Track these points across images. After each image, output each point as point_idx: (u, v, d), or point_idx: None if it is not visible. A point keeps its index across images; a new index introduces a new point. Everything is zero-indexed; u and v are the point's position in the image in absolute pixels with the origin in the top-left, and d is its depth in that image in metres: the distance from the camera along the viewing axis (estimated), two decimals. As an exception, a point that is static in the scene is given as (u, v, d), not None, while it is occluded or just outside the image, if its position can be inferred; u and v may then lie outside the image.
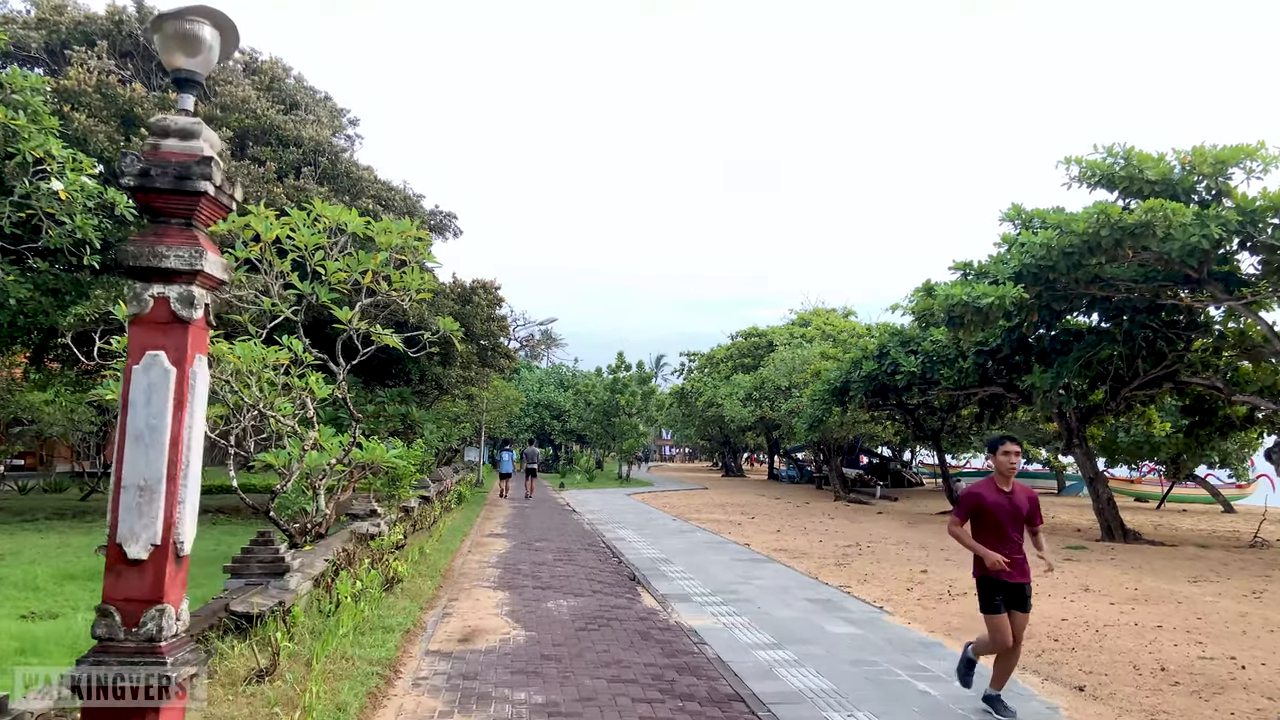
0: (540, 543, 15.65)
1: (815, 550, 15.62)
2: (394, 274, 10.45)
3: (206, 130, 3.65)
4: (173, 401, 3.40)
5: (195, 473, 3.55)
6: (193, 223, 3.54)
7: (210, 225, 3.68)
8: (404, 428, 19.92)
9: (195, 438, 3.52)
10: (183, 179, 3.45)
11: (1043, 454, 37.30)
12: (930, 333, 22.32)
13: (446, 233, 21.74)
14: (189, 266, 3.43)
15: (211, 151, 3.57)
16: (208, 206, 3.56)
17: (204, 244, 3.51)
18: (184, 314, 3.44)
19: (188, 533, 3.59)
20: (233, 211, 3.95)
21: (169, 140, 3.58)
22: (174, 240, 3.46)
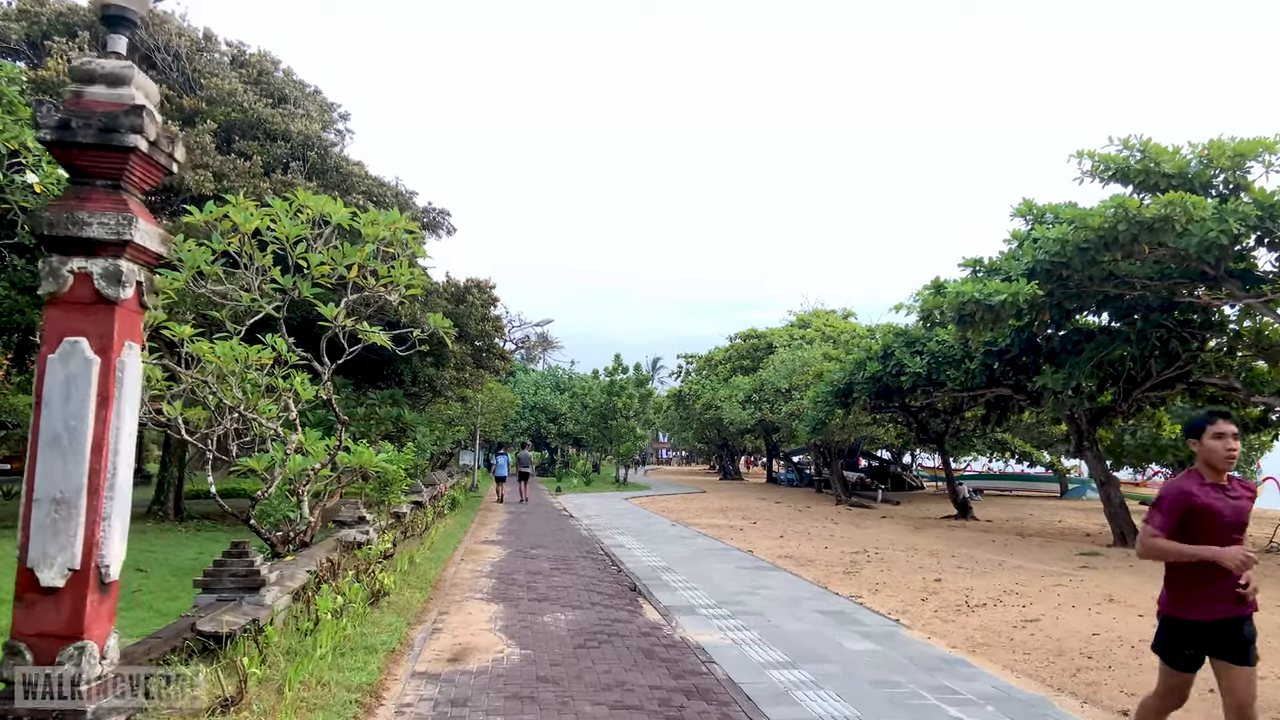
0: (536, 550, 15.07)
1: (821, 557, 15.05)
2: (381, 268, 9.88)
3: (140, 76, 3.09)
4: (95, 398, 2.84)
5: (124, 483, 2.98)
6: (121, 184, 2.97)
7: (145, 188, 3.10)
8: (396, 431, 19.33)
9: (124, 442, 2.94)
10: (108, 131, 2.89)
11: (1046, 457, 36.71)
12: (936, 333, 21.79)
13: (440, 230, 21.18)
14: (116, 236, 2.86)
15: (144, 100, 3.00)
16: (140, 165, 2.98)
17: (135, 210, 2.94)
18: (110, 293, 2.87)
19: (114, 554, 3.00)
20: (174, 173, 3.37)
21: (94, 87, 3.01)
22: (98, 205, 2.89)
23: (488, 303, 21.27)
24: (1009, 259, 15.67)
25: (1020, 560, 15.12)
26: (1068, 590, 11.61)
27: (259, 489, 11.50)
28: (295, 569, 9.00)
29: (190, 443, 10.62)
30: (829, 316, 44.13)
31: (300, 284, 9.45)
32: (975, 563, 14.54)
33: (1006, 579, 12.60)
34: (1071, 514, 29.45)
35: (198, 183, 15.82)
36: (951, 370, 20.94)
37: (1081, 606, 10.34)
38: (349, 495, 14.93)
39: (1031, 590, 11.57)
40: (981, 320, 15.34)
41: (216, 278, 9.60)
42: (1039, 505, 34.64)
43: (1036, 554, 16.30)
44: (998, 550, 16.78)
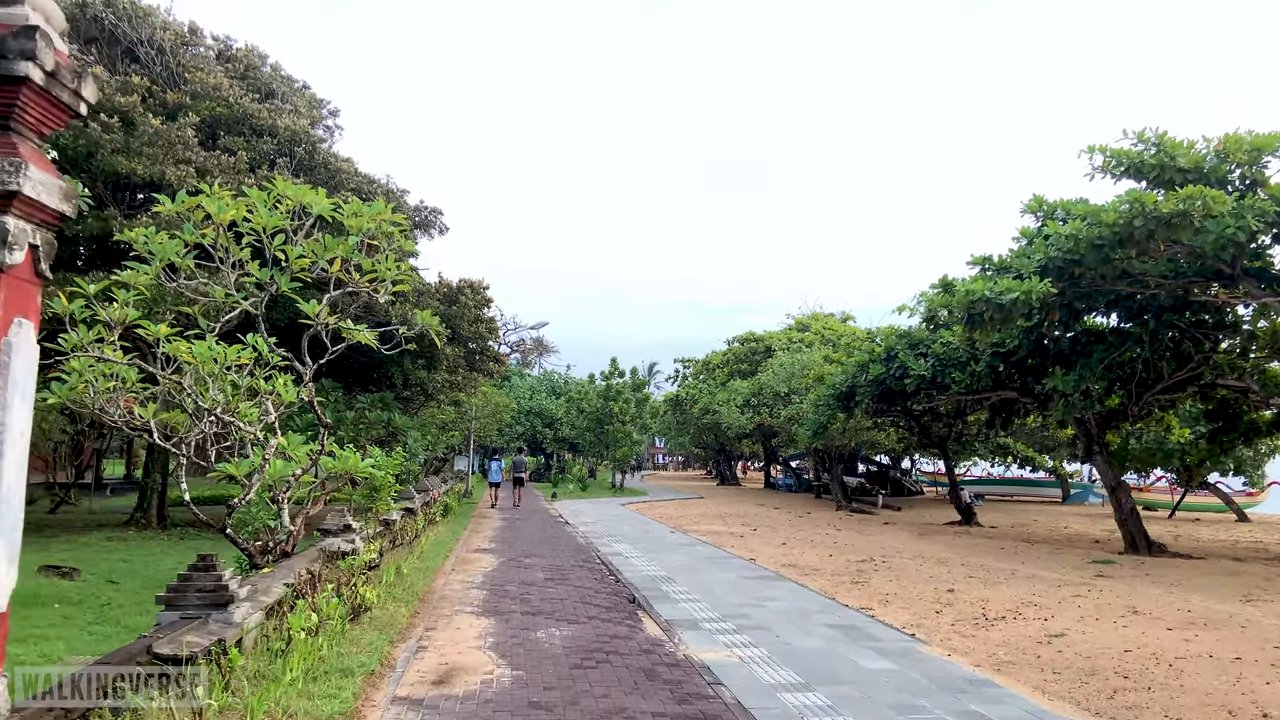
0: (530, 559, 14.49)
1: (827, 566, 14.50)
2: (365, 262, 9.32)
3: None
4: (-29, 388, 2.27)
5: (12, 494, 2.41)
6: (10, 124, 2.40)
7: (43, 131, 2.54)
8: (386, 435, 18.74)
9: (11, 443, 2.38)
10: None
11: (1048, 461, 36.19)
12: (940, 335, 21.28)
13: (432, 230, 20.63)
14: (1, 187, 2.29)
15: (41, 21, 2.44)
16: (35, 102, 2.43)
17: (27, 156, 2.38)
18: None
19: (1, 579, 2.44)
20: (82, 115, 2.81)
21: (-23, 7, 2.44)
22: (-21, 149, 2.33)
23: (481, 304, 20.70)
24: (1019, 256, 15.15)
25: (1033, 569, 14.57)
26: (1088, 601, 11.07)
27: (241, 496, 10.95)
28: (271, 582, 8.43)
29: (163, 448, 10.04)
30: (828, 320, 43.62)
31: (278, 278, 8.90)
32: (987, 572, 14.00)
33: (1022, 589, 12.05)
34: (1076, 520, 28.94)
35: (179, 178, 15.26)
36: (956, 373, 20.41)
37: (1106, 619, 9.79)
38: (337, 502, 14.34)
39: (1050, 601, 11.01)
40: (991, 320, 14.81)
41: (189, 272, 9.05)
42: (1041, 511, 34.14)
43: (1048, 562, 15.75)
44: (1008, 558, 16.24)
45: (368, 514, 13.58)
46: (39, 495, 26.87)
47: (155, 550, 15.34)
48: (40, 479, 34.10)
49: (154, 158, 15.46)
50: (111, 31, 18.61)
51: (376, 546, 11.82)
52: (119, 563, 13.83)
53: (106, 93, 16.19)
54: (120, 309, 8.62)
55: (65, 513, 23.05)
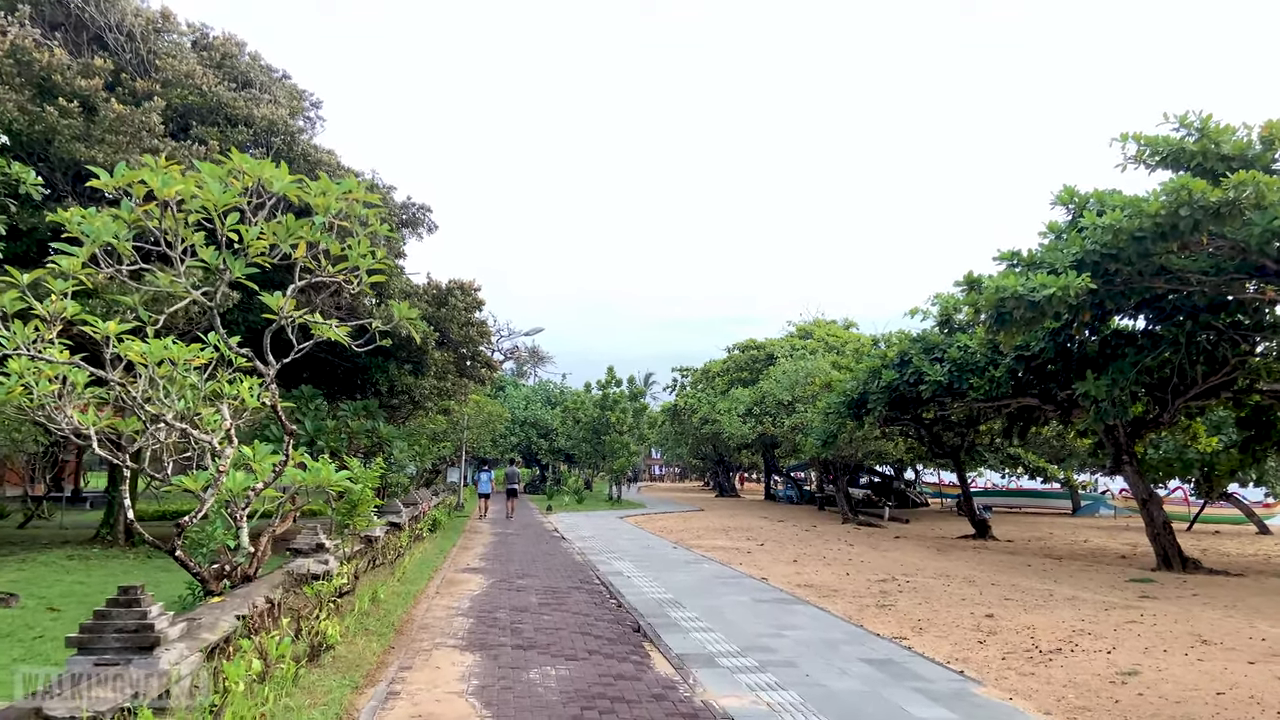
0: (523, 580, 13.30)
1: (846, 586, 13.33)
2: (334, 246, 8.17)
3: None
4: None
5: None
6: None
7: None
8: (371, 446, 17.56)
9: None
10: None
11: (1060, 472, 35.07)
12: (956, 339, 20.20)
13: (420, 228, 19.50)
14: None
15: None
16: None
17: None
18: None
19: None
20: None
21: None
22: None
23: (472, 306, 19.56)
24: (1051, 250, 14.04)
25: (1069, 588, 13.43)
26: (1146, 628, 9.92)
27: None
28: (220, 614, 7.23)
29: (104, 457, 8.88)
30: (830, 326, 42.54)
31: (232, 263, 7.74)
32: (1021, 593, 12.84)
33: (1068, 614, 10.89)
34: (1092, 533, 27.82)
35: (145, 168, 14.12)
36: (975, 379, 19.31)
37: (1175, 651, 8.64)
38: (320, 517, 13.13)
39: (1104, 629, 9.86)
40: (1022, 319, 13.70)
41: (130, 258, 7.88)
42: (1053, 523, 33.02)
43: (1083, 581, 14.61)
44: (1038, 576, 15.09)
45: (346, 531, 12.40)
46: (12, 509, 25.65)
47: (116, 571, 14.13)
48: (16, 492, 32.87)
49: (117, 145, 14.32)
50: (78, 16, 17.50)
51: (351, 568, 10.63)
52: (74, 585, 12.63)
53: (66, 76, 15.10)
54: (57, 301, 7.50)
55: (35, 527, 21.82)
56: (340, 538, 12.29)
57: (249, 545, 9.04)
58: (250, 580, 9.52)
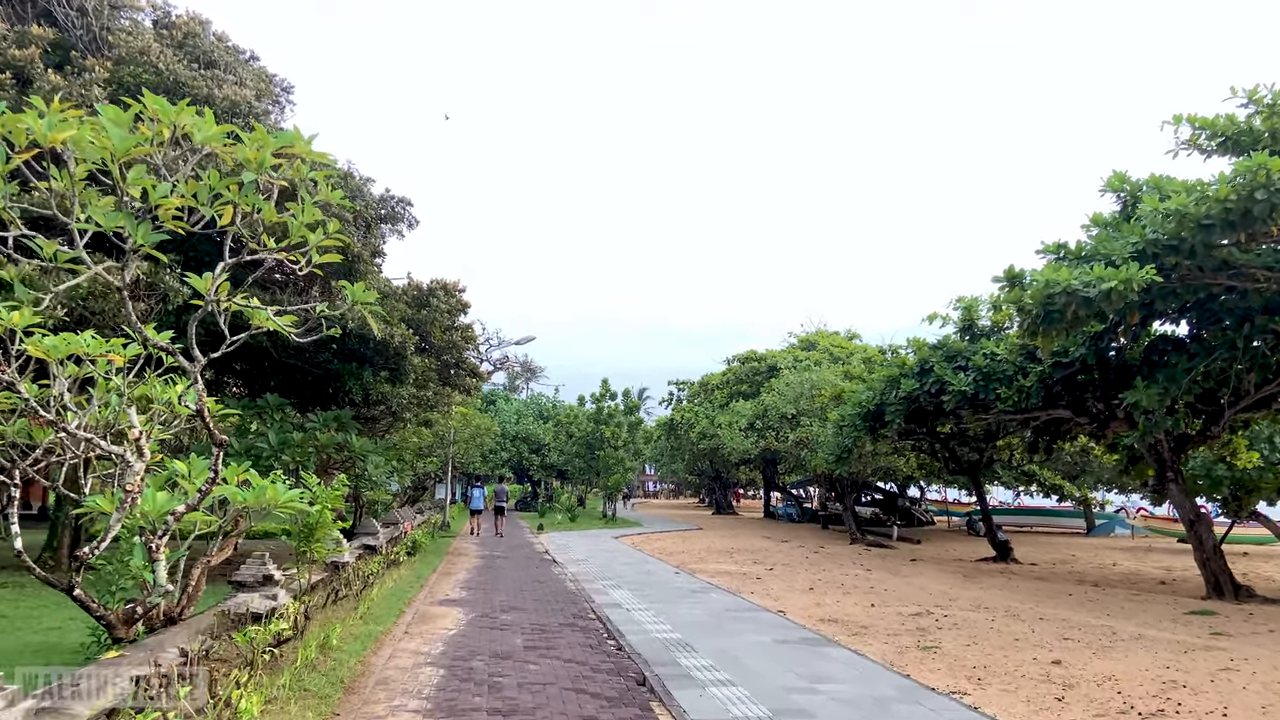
0: (508, 614, 11.63)
1: (876, 621, 11.71)
2: (268, 211, 6.59)
3: None
4: None
5: None
6: None
7: None
8: (343, 460, 15.89)
9: None
10: None
11: (1077, 490, 33.50)
12: (981, 345, 18.65)
13: (400, 223, 17.91)
14: None
15: None
16: None
17: None
18: None
19: None
20: None
21: None
22: None
23: (456, 308, 17.95)
24: (1105, 241, 12.49)
25: (1130, 624, 11.82)
26: (1246, 677, 8.32)
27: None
28: (110, 675, 5.60)
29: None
30: (834, 337, 41.00)
31: (133, 226, 6.13)
32: (1078, 630, 11.23)
33: (1144, 659, 9.29)
34: (1116, 554, 26.24)
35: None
36: (1003, 388, 17.73)
37: (1304, 713, 7.04)
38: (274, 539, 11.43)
39: (1196, 679, 8.27)
40: (1072, 318, 12.15)
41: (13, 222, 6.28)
42: (1070, 544, 31.41)
43: (1137, 613, 13.02)
44: (1086, 608, 13.49)
45: (305, 559, 10.73)
46: (-38, 529, 23.88)
47: (47, 602, 12.40)
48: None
49: (53, 121, 12.72)
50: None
51: (301, 606, 8.97)
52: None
53: (1, 47, 13.56)
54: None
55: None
56: (297, 566, 10.64)
57: (167, 581, 7.41)
58: (175, 622, 7.91)
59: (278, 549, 12.05)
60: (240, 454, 15.29)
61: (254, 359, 18.19)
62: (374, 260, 17.00)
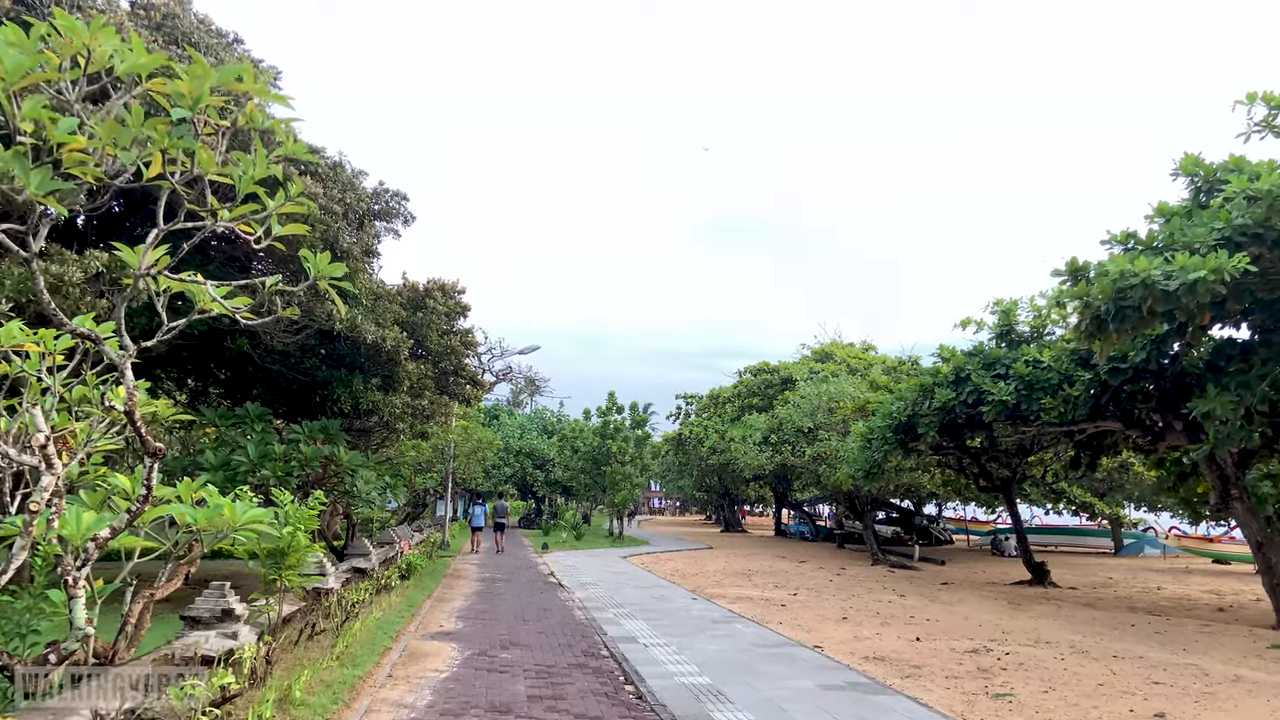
0: (509, 652, 10.20)
1: (928, 659, 10.27)
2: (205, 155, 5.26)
3: None
4: None
5: None
6: None
7: None
8: (328, 477, 14.50)
9: None
10: None
11: (1108, 508, 31.93)
12: (1022, 351, 17.24)
13: (395, 219, 16.58)
14: None
15: None
16: None
17: None
18: None
19: None
20: None
21: None
22: None
23: (455, 311, 16.62)
24: (1179, 229, 11.10)
25: (1216, 662, 10.36)
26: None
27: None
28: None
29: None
30: (850, 349, 39.57)
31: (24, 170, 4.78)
32: (1161, 670, 9.78)
33: (1257, 708, 7.86)
34: (1153, 576, 24.74)
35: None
36: (1047, 398, 16.32)
37: None
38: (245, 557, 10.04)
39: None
40: (1147, 314, 10.78)
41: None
42: (1101, 565, 29.90)
43: (1215, 648, 11.57)
44: (1157, 642, 12.03)
45: (275, 588, 9.32)
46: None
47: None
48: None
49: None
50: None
51: (264, 646, 7.56)
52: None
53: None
54: None
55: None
56: (265, 597, 9.25)
57: (85, 624, 6.05)
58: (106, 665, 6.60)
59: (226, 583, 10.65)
60: (216, 468, 13.93)
61: (236, 366, 16.87)
62: (366, 259, 15.67)
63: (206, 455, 13.91)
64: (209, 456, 13.87)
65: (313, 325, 14.38)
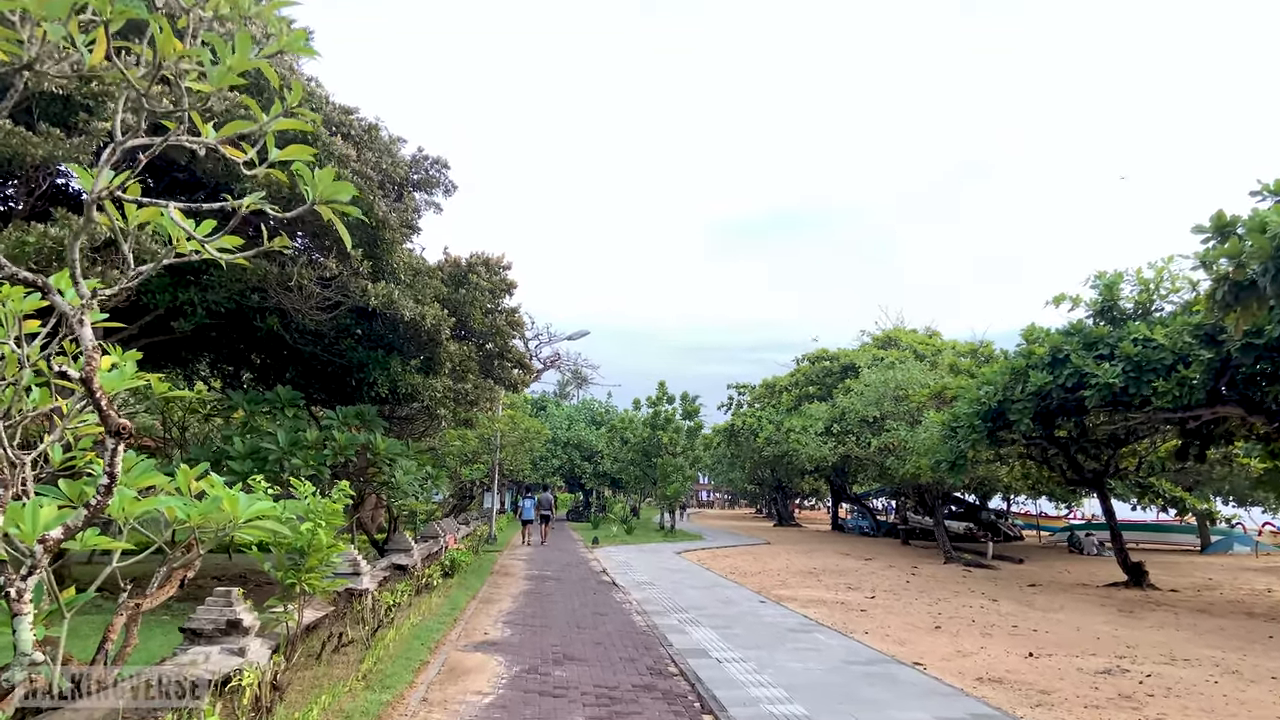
0: (563, 668, 8.85)
1: (1054, 682, 8.70)
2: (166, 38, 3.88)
3: None
4: None
5: None
6: None
7: None
8: (363, 467, 13.32)
9: None
10: None
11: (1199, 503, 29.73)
12: (1128, 329, 15.46)
13: (435, 189, 15.34)
14: None
15: None
16: None
17: None
18: None
19: None
20: None
21: None
22: None
23: (500, 288, 15.34)
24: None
25: None
26: None
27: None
28: None
29: None
30: (914, 335, 37.59)
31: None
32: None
33: None
34: (1253, 576, 22.74)
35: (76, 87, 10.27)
36: (1160, 381, 14.55)
37: None
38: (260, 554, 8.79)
39: None
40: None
41: None
42: (1190, 563, 27.79)
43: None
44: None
45: (296, 594, 8.06)
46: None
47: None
48: None
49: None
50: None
51: (268, 670, 6.29)
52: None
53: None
54: None
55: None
56: (284, 603, 8.01)
57: (32, 648, 4.81)
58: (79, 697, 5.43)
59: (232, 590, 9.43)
60: (244, 456, 12.81)
61: (268, 349, 15.77)
62: (404, 230, 14.42)
63: (234, 443, 12.81)
64: (236, 444, 12.77)
65: (346, 302, 13.19)
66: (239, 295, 12.99)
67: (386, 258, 13.37)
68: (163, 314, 13.22)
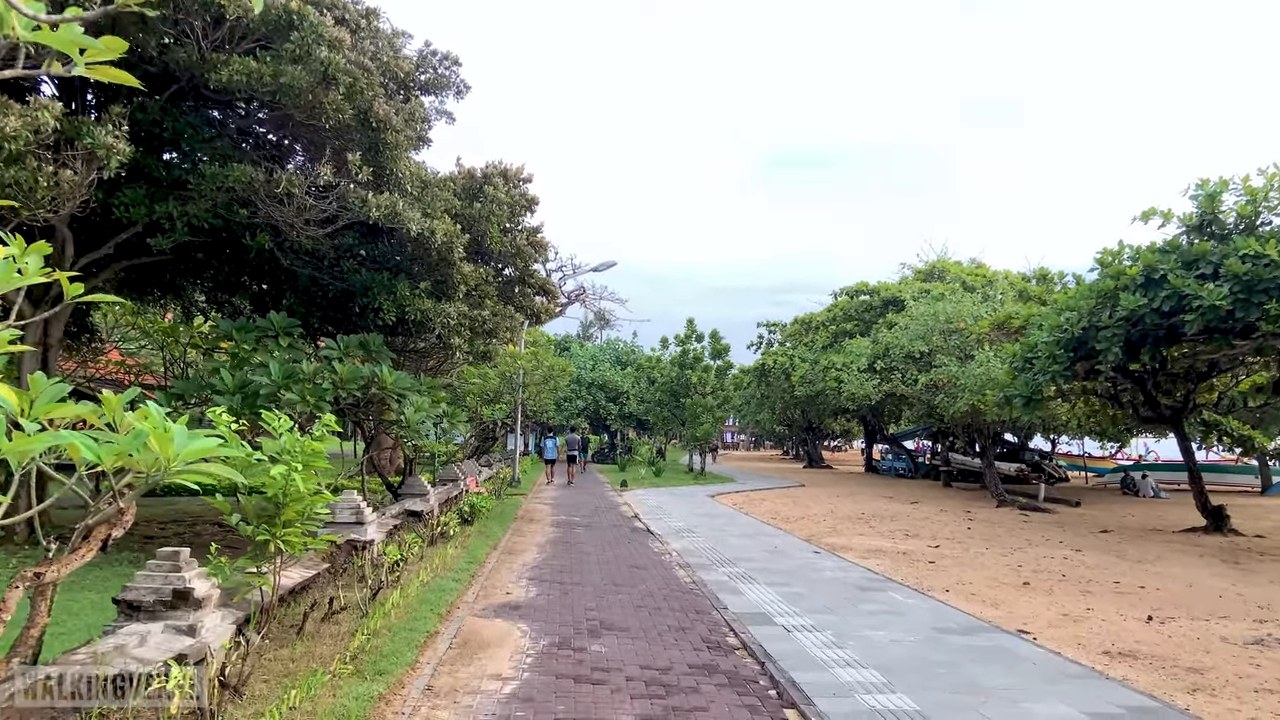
0: (600, 641, 7.33)
1: (1199, 656, 7.10)
2: None
3: None
4: None
5: None
6: None
7: None
8: (368, 401, 11.80)
9: None
10: None
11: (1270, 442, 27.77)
12: (1233, 243, 13.52)
13: (445, 91, 13.53)
14: None
15: None
16: None
17: None
18: None
19: None
20: None
21: None
22: None
23: (520, 204, 13.63)
24: None
25: None
26: None
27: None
28: None
29: None
30: (960, 266, 35.47)
31: None
32: None
33: None
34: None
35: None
36: (1272, 303, 12.67)
37: None
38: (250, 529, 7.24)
39: None
40: None
41: None
42: (1260, 505, 26.00)
43: None
44: None
45: (269, 553, 6.55)
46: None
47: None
48: None
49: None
50: None
51: (213, 662, 4.79)
52: None
53: None
54: None
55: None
56: (256, 564, 6.51)
57: None
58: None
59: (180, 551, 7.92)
60: (231, 391, 11.31)
61: (264, 274, 14.19)
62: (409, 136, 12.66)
63: (221, 376, 11.31)
64: (223, 378, 11.26)
65: (344, 215, 11.53)
66: (224, 208, 11.37)
67: (390, 166, 11.66)
68: (141, 231, 11.64)
